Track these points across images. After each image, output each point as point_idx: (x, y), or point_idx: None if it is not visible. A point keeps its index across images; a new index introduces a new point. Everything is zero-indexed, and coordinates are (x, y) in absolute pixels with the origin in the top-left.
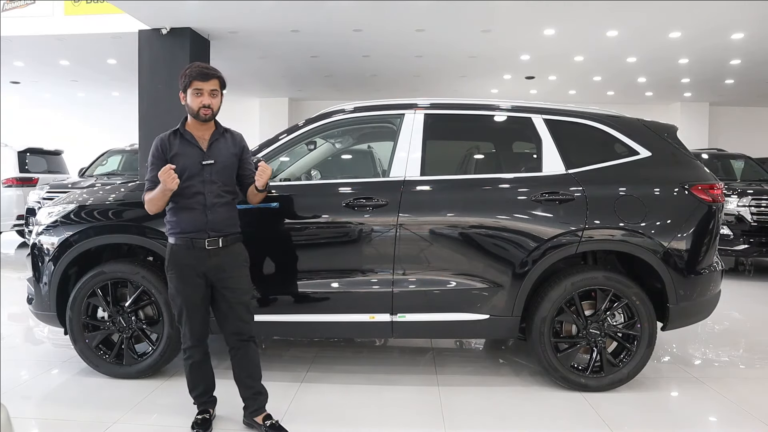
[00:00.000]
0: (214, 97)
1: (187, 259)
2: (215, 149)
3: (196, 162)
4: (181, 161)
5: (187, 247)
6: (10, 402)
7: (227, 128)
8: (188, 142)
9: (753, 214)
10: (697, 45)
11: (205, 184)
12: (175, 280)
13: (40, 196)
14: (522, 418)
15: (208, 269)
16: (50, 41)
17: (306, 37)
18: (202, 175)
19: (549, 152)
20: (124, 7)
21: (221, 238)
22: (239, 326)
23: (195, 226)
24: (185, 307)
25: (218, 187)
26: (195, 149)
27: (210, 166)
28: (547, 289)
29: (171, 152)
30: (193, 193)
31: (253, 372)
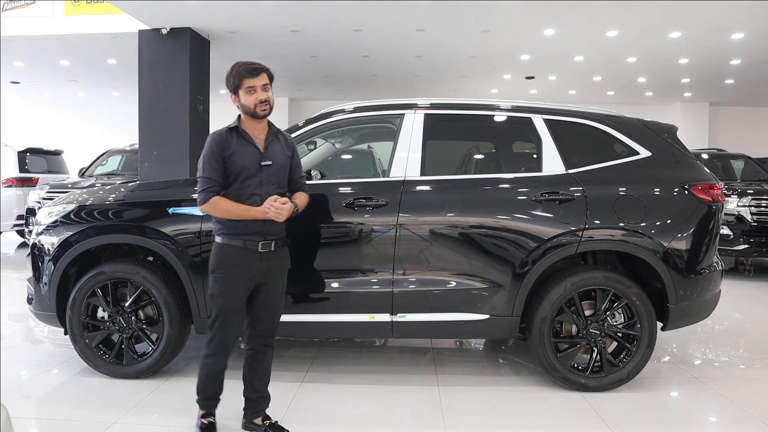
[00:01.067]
0: (267, 92)
1: (239, 262)
2: (272, 150)
3: (254, 162)
4: (239, 161)
5: (240, 249)
6: (10, 402)
7: (279, 129)
8: (246, 141)
9: (753, 214)
10: (697, 45)
11: (262, 185)
12: (222, 282)
13: (40, 196)
14: (522, 418)
15: (257, 273)
16: (50, 41)
17: (306, 37)
18: (259, 176)
19: (549, 152)
20: (124, 7)
21: (274, 241)
22: (268, 330)
23: (250, 228)
24: (226, 310)
25: (273, 189)
26: (253, 149)
27: (268, 167)
28: (547, 289)
29: (229, 150)
30: (249, 194)
31: (264, 377)
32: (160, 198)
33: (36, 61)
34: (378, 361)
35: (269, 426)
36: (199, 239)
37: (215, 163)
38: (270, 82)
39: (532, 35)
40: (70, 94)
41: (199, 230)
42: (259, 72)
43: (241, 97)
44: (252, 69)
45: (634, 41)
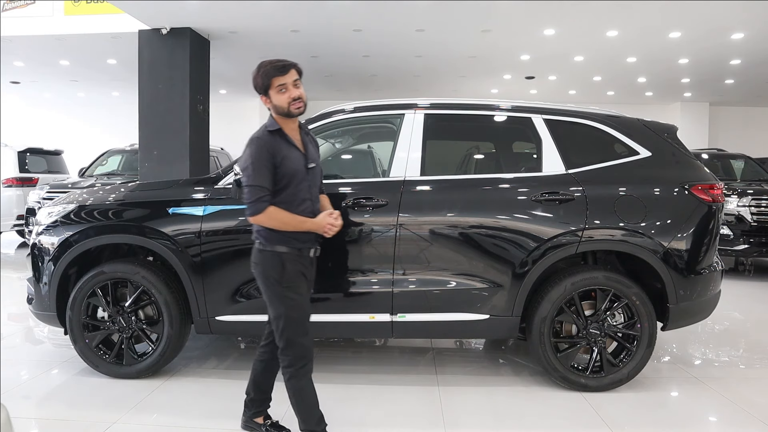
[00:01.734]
0: (299, 88)
1: (301, 269)
2: (310, 151)
3: (302, 166)
4: (291, 166)
5: (297, 257)
6: (10, 402)
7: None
8: (290, 144)
9: (753, 214)
10: (697, 45)
11: (311, 189)
12: (294, 291)
13: (40, 196)
14: (522, 418)
15: (311, 279)
16: (50, 41)
17: (306, 37)
18: (307, 179)
19: (549, 152)
20: (124, 7)
21: (320, 246)
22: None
23: (307, 235)
24: (302, 318)
25: (317, 190)
26: (297, 152)
27: (312, 169)
28: (547, 289)
29: (280, 155)
30: (302, 199)
31: (271, 379)
32: (160, 198)
33: (36, 61)
34: (378, 361)
35: (270, 425)
36: (199, 239)
37: (264, 169)
38: (300, 77)
39: (532, 35)
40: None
41: (199, 230)
42: (288, 68)
43: (272, 97)
44: (280, 66)
45: (634, 41)
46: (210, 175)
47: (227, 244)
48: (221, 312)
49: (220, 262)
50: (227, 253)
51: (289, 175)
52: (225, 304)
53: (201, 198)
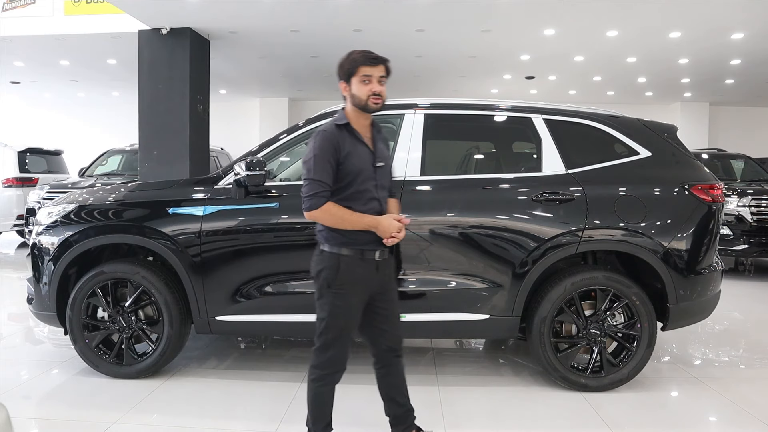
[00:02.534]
0: (382, 85)
1: (360, 274)
2: (379, 149)
3: (369, 164)
4: (356, 163)
5: (359, 260)
6: (10, 402)
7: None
8: (357, 140)
9: (753, 214)
10: (697, 45)
11: (378, 188)
12: (343, 298)
13: (40, 196)
14: (522, 418)
15: (375, 284)
16: (50, 41)
17: (306, 37)
18: (375, 178)
19: (549, 152)
20: (124, 7)
21: (386, 249)
22: (396, 341)
23: (370, 236)
24: (346, 327)
25: (385, 193)
26: (365, 149)
27: (381, 168)
28: (547, 289)
29: (344, 151)
30: (368, 199)
31: (403, 388)
32: (160, 198)
33: (36, 61)
34: None
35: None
36: (199, 239)
37: (327, 164)
38: (387, 76)
39: (532, 35)
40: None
41: (199, 230)
42: (378, 62)
43: (353, 86)
44: (371, 58)
45: (634, 41)
46: (210, 175)
47: (227, 244)
48: (221, 312)
49: (220, 262)
50: (227, 253)
51: (353, 173)
52: (225, 304)
53: (201, 198)
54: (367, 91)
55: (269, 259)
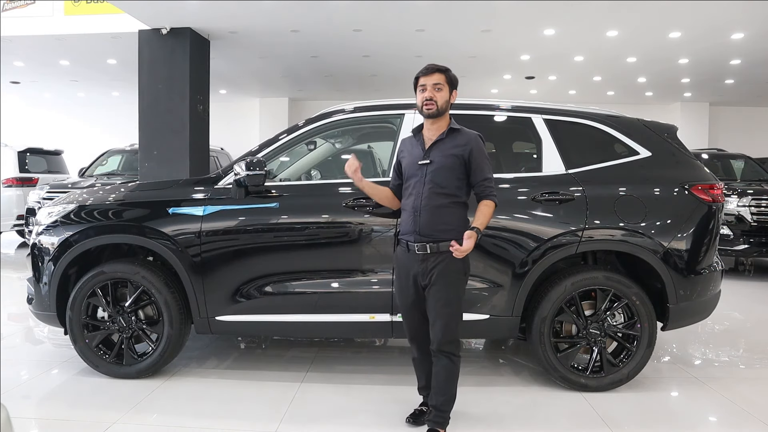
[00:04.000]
0: (438, 91)
1: (404, 261)
2: (436, 149)
3: (414, 162)
4: (405, 161)
5: (405, 249)
6: (10, 402)
7: (460, 128)
8: (416, 142)
9: (753, 214)
10: (697, 45)
11: (420, 185)
12: (395, 279)
13: (40, 196)
14: (522, 418)
15: (418, 274)
16: (50, 41)
17: (306, 37)
18: (417, 175)
19: (549, 152)
20: (124, 7)
21: (429, 244)
22: (432, 335)
23: (408, 228)
24: (400, 305)
25: (430, 188)
26: (418, 149)
27: (425, 166)
28: (547, 289)
29: (402, 154)
30: (408, 194)
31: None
32: (160, 198)
33: (36, 61)
34: (378, 361)
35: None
36: (199, 239)
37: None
38: (448, 84)
39: (532, 35)
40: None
41: (199, 230)
42: (432, 71)
43: (416, 95)
44: (427, 68)
45: (634, 41)
46: (210, 175)
47: (227, 244)
48: (221, 312)
49: (220, 262)
50: (227, 253)
51: (404, 170)
52: (225, 304)
53: (201, 198)
54: (421, 98)
55: (269, 259)
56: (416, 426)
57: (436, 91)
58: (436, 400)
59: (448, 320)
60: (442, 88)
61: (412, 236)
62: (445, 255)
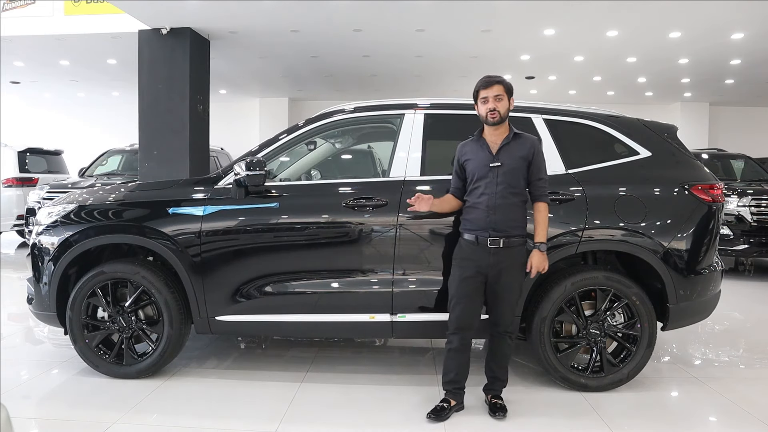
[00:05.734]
0: (499, 101)
1: (471, 254)
2: (504, 152)
3: (482, 165)
4: (471, 165)
5: (474, 243)
6: (10, 402)
7: (521, 133)
8: (480, 147)
9: (753, 214)
10: (697, 45)
11: (491, 185)
12: (456, 269)
13: (40, 196)
14: (522, 418)
15: (486, 266)
16: (50, 41)
17: (306, 37)
18: (488, 176)
19: (549, 152)
20: (124, 7)
21: (503, 238)
22: (498, 319)
23: (479, 224)
24: (456, 294)
25: (503, 188)
26: (485, 153)
27: (497, 168)
28: (547, 289)
29: (464, 158)
30: (480, 193)
31: (499, 360)
32: (160, 198)
33: (36, 61)
34: (378, 361)
35: (492, 404)
36: (199, 239)
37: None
38: (507, 93)
39: (532, 35)
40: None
41: (199, 230)
42: (491, 84)
43: (477, 106)
44: (486, 81)
45: (634, 41)
46: (210, 175)
47: (227, 244)
48: (221, 312)
49: (220, 262)
50: (227, 253)
51: (470, 174)
52: (225, 304)
53: (201, 198)
54: (485, 109)
55: (269, 259)
56: (437, 422)
57: (497, 102)
58: (499, 373)
59: (514, 305)
60: (502, 98)
61: (486, 232)
62: (514, 248)
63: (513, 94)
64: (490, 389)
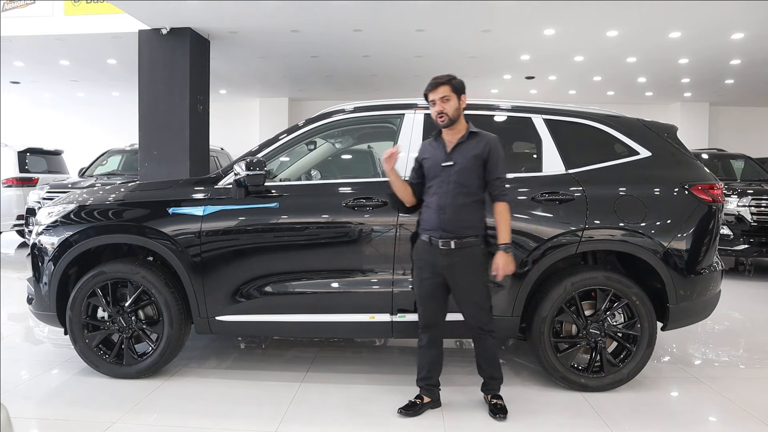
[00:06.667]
0: (446, 102)
1: (425, 255)
2: (457, 151)
3: (437, 164)
4: (427, 164)
5: (428, 243)
6: (10, 402)
7: (479, 131)
8: (437, 146)
9: (753, 214)
10: (697, 45)
11: (443, 185)
12: (415, 270)
13: (40, 196)
14: (522, 418)
15: (441, 267)
16: (50, 41)
17: (306, 37)
18: (441, 176)
19: (549, 152)
20: (124, 7)
21: (453, 239)
22: (470, 319)
23: (432, 225)
24: (418, 294)
25: (454, 188)
26: (440, 152)
27: (449, 167)
28: (547, 289)
29: (422, 156)
30: (432, 193)
31: (488, 359)
32: (160, 198)
33: (36, 61)
34: (378, 361)
35: (492, 404)
36: (199, 239)
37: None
38: (455, 93)
39: (532, 35)
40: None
41: (199, 230)
42: (437, 86)
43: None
44: (432, 84)
45: (634, 41)
46: (210, 175)
47: (227, 244)
48: (221, 312)
49: (220, 262)
50: (227, 253)
51: (426, 172)
52: (225, 304)
53: (201, 198)
54: (434, 112)
55: (269, 259)
56: (408, 417)
57: (444, 103)
58: (491, 372)
59: (482, 305)
60: (449, 98)
61: (437, 232)
62: (467, 249)
63: (464, 92)
64: (487, 389)
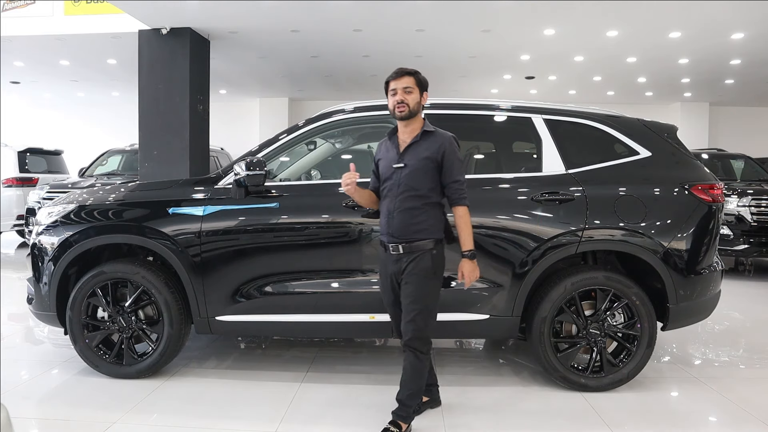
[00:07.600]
0: (408, 94)
1: (383, 260)
2: (409, 152)
3: (389, 165)
4: (381, 165)
5: (383, 248)
6: (10, 402)
7: (434, 130)
8: (391, 146)
9: (753, 214)
10: (697, 45)
11: (393, 188)
12: (379, 278)
13: (40, 196)
14: (522, 418)
15: (393, 273)
16: (50, 41)
17: (306, 37)
18: (392, 178)
19: (549, 152)
20: (124, 7)
21: (401, 244)
22: (403, 331)
23: (383, 229)
24: (384, 302)
25: (403, 191)
26: (393, 153)
27: (400, 169)
28: (547, 289)
29: (377, 157)
30: (384, 196)
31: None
32: (160, 198)
33: (36, 61)
34: (378, 361)
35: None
36: (199, 239)
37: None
38: (419, 87)
39: (532, 35)
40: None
41: (199, 230)
42: (402, 75)
43: (388, 99)
44: (396, 72)
45: (634, 41)
46: (210, 175)
47: (227, 244)
48: (221, 312)
49: (220, 262)
50: (227, 253)
51: (381, 174)
52: (225, 304)
53: (201, 198)
54: (392, 102)
55: (269, 259)
56: None
57: (406, 94)
58: (402, 394)
59: (416, 317)
60: (412, 90)
61: (386, 237)
62: (417, 255)
63: (427, 90)
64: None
